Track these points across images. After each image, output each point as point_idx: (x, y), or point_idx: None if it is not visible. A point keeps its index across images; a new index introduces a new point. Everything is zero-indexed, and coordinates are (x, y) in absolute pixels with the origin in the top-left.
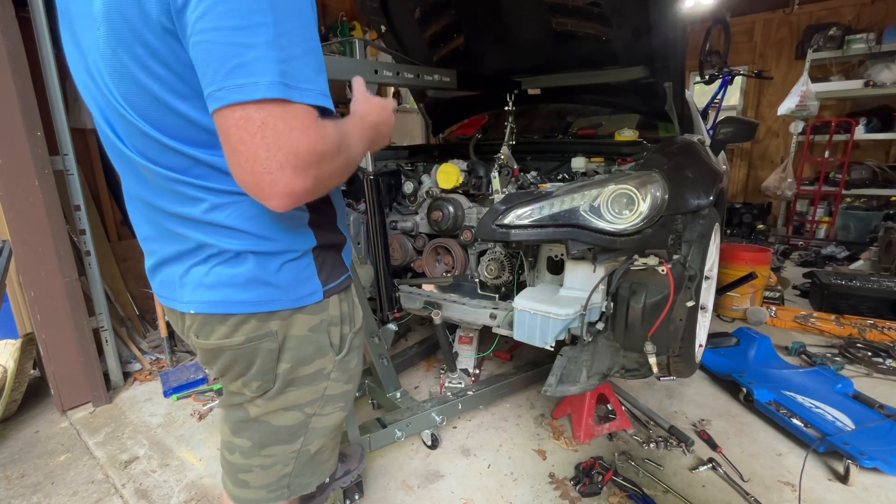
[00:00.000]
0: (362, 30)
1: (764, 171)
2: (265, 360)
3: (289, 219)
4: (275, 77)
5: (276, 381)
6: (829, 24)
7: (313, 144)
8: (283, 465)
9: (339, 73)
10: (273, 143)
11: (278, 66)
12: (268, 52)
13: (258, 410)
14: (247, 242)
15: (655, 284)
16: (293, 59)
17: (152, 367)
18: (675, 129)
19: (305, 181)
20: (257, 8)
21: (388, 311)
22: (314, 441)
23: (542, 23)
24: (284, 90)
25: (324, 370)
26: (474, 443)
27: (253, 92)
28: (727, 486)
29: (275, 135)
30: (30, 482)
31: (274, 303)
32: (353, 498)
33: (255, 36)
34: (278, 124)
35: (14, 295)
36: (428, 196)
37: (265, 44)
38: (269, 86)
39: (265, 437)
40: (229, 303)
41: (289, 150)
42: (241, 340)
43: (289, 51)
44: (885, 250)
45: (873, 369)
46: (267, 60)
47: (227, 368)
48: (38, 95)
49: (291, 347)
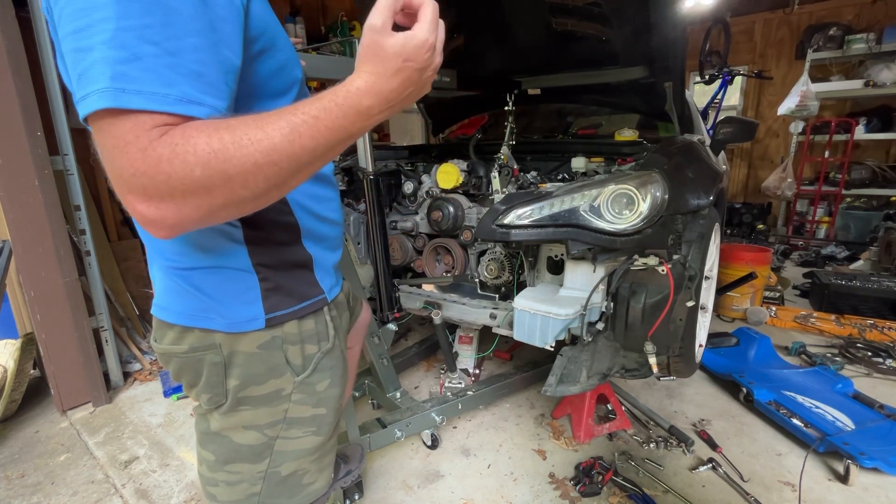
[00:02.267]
0: (362, 30)
1: (764, 171)
2: (211, 373)
3: (216, 233)
4: (105, 83)
5: (227, 397)
6: (829, 24)
7: (132, 164)
8: (249, 484)
9: (339, 73)
10: (110, 169)
11: (112, 68)
12: (104, 53)
13: (217, 424)
14: (172, 259)
15: (655, 284)
16: (141, 59)
17: (152, 367)
18: (675, 129)
19: (149, 207)
20: (98, 2)
21: (388, 311)
22: (284, 463)
23: (542, 23)
24: (114, 97)
25: (281, 391)
26: (474, 443)
27: (88, 105)
28: (727, 486)
29: (107, 160)
30: (30, 482)
31: (209, 320)
32: (353, 498)
33: (93, 35)
34: (106, 146)
35: (14, 295)
36: (428, 196)
37: (102, 43)
38: (100, 94)
39: (227, 453)
40: (170, 311)
41: (117, 174)
42: (185, 349)
43: (136, 49)
44: (885, 250)
45: (873, 369)
46: (102, 63)
47: (178, 375)
48: (38, 95)
49: (239, 364)
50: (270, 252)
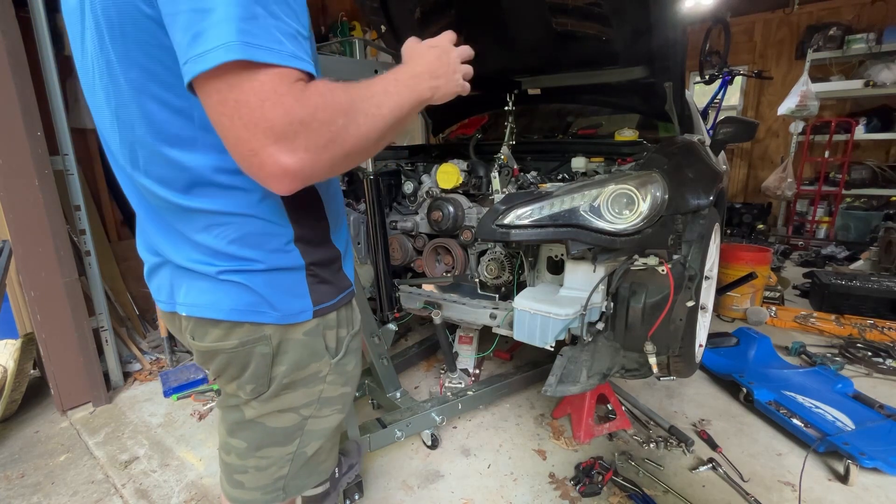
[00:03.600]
0: (362, 30)
1: (764, 171)
2: (259, 364)
3: (271, 238)
4: (233, 36)
5: (270, 384)
6: (829, 24)
7: (289, 113)
8: (278, 468)
9: (339, 73)
10: (249, 122)
11: (237, 24)
12: (228, 11)
13: (253, 412)
14: (231, 263)
15: (655, 284)
16: (259, 18)
17: (152, 367)
18: (675, 129)
19: (294, 157)
20: None
21: (388, 311)
22: (311, 443)
23: (542, 23)
24: (245, 49)
25: (319, 373)
26: (474, 443)
27: (213, 58)
28: (727, 486)
29: (249, 112)
30: (30, 482)
31: (261, 314)
32: (353, 498)
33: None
34: (250, 99)
35: (14, 295)
36: (428, 196)
37: (224, 4)
38: (227, 47)
39: (261, 439)
40: (219, 308)
41: (265, 126)
42: (234, 344)
43: (253, 9)
44: (885, 250)
45: (873, 369)
46: (226, 21)
47: (221, 370)
48: (38, 95)
49: (287, 351)
50: (314, 251)
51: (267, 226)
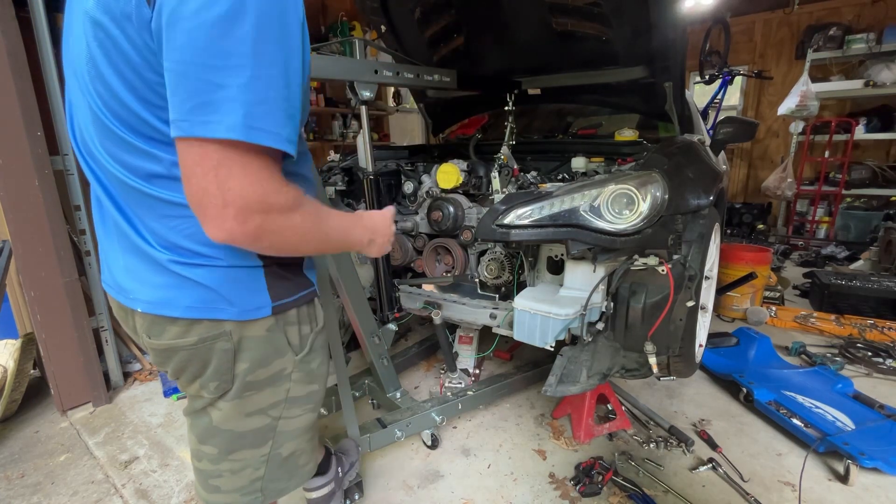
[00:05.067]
0: (362, 30)
1: (764, 171)
2: (221, 360)
3: None
4: (239, 119)
5: (234, 381)
6: (829, 24)
7: (263, 194)
8: (253, 469)
9: (339, 73)
10: (224, 183)
11: (245, 108)
12: (239, 94)
13: (220, 415)
14: (184, 256)
15: (655, 284)
16: (265, 103)
17: (152, 366)
18: (675, 129)
19: (245, 227)
20: (239, 52)
21: (388, 311)
22: (285, 444)
23: (542, 23)
24: (246, 132)
25: (284, 370)
26: (474, 443)
27: (215, 130)
28: (727, 486)
29: (228, 175)
30: (30, 482)
31: (219, 311)
32: (354, 498)
33: (231, 77)
34: (234, 167)
35: (14, 295)
36: (428, 196)
37: (238, 86)
38: (231, 127)
39: (231, 443)
40: (173, 305)
41: (238, 192)
42: (193, 341)
43: (263, 94)
44: (885, 250)
45: (873, 369)
46: (235, 101)
47: (181, 369)
48: (38, 95)
49: (248, 348)
50: None
51: None
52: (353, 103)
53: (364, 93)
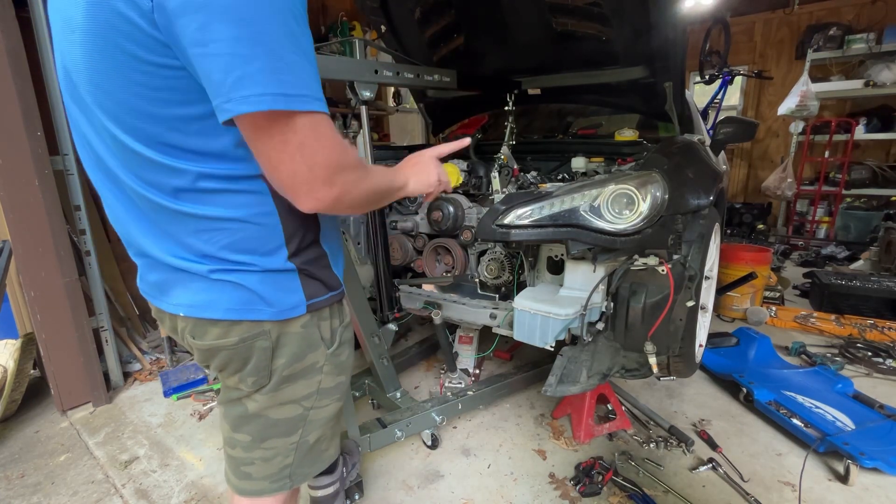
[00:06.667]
0: (362, 30)
1: (764, 171)
2: (260, 357)
3: (263, 242)
4: (274, 88)
5: (271, 377)
6: (829, 24)
7: (339, 155)
8: (283, 457)
9: (339, 73)
10: (311, 160)
11: (277, 77)
12: (269, 62)
13: (256, 406)
14: (223, 265)
15: (655, 284)
16: (294, 66)
17: (152, 367)
18: (675, 129)
19: (333, 190)
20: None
21: (389, 311)
22: (312, 432)
23: (542, 23)
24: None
25: (316, 364)
26: (474, 443)
27: (257, 103)
28: (727, 486)
29: (312, 153)
30: (30, 482)
31: (259, 311)
32: (354, 498)
33: (256, 46)
34: (313, 143)
35: (14, 295)
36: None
37: (266, 54)
38: (273, 97)
39: (265, 431)
40: (216, 308)
41: (323, 164)
42: (235, 341)
43: (289, 58)
44: (886, 250)
45: (873, 369)
46: (267, 72)
47: (223, 366)
48: (38, 95)
49: (286, 344)
50: (304, 251)
51: (258, 230)
52: (353, 103)
53: (364, 93)
